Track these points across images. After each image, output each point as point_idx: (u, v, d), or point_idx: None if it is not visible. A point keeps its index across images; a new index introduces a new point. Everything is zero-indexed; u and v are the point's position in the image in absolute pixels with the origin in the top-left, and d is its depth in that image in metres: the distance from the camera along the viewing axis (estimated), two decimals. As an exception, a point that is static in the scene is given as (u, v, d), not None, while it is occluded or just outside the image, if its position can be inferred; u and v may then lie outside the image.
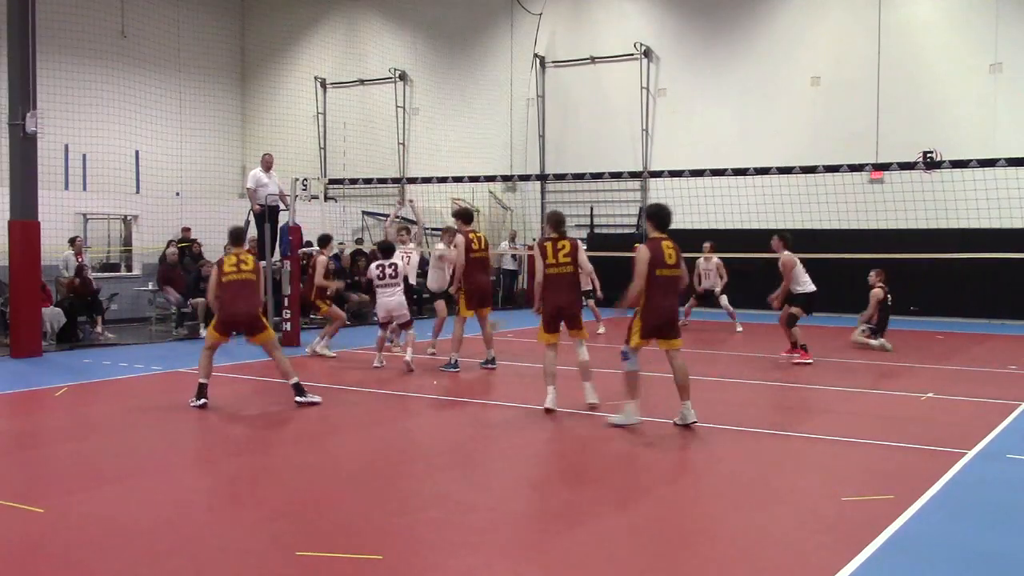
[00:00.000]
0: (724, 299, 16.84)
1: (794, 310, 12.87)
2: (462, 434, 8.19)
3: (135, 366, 11.95)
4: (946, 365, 12.82)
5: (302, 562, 4.82)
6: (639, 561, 4.92)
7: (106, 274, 18.40)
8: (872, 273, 14.66)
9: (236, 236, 9.91)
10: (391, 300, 11.66)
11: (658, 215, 8.31)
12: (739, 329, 16.58)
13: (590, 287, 14.85)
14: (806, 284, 13.00)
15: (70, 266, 15.46)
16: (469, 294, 11.44)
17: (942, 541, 5.29)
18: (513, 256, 23.03)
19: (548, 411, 8.85)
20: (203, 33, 25.88)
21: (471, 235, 11.48)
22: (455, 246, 11.52)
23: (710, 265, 16.98)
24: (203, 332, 15.49)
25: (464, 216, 11.81)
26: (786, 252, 13.04)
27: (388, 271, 11.65)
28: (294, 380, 9.13)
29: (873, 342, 14.28)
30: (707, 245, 16.95)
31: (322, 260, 13.02)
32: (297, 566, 4.77)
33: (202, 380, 9.15)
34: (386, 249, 12.14)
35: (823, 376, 11.60)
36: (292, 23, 27.40)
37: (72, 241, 15.92)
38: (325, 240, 13.55)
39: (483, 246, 11.62)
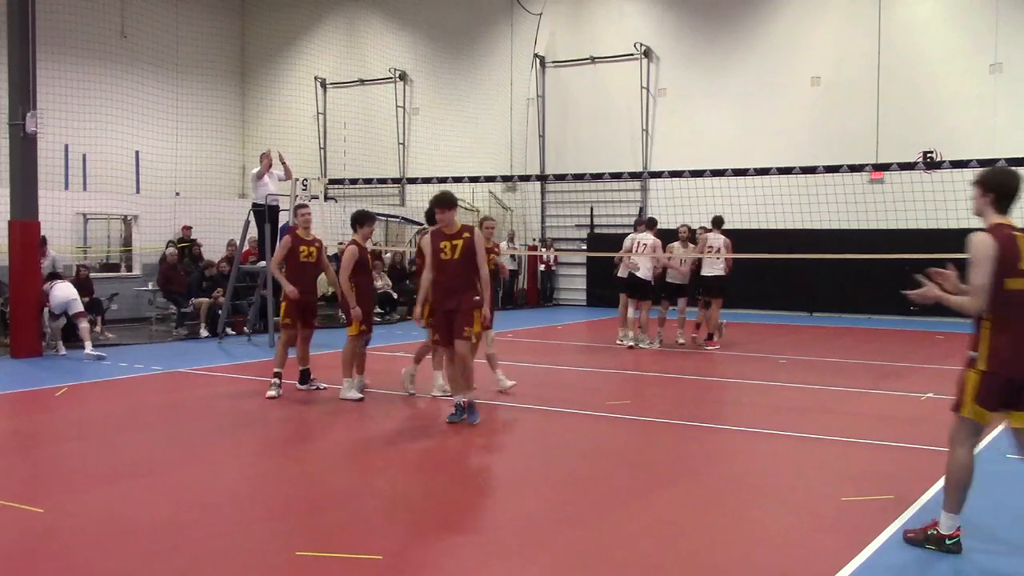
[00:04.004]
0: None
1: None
2: (460, 434, 8.19)
3: (135, 366, 11.95)
4: (946, 365, 12.81)
5: (302, 562, 4.82)
6: (639, 561, 4.92)
7: (106, 274, 18.40)
8: (699, 229, 14.45)
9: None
10: (68, 291, 12.86)
11: (359, 218, 9.56)
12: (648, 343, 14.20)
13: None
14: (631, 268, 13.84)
15: (57, 265, 14.82)
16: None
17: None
18: (512, 256, 23.02)
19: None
20: (203, 33, 25.88)
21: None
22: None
23: (646, 246, 13.89)
24: (203, 332, 15.53)
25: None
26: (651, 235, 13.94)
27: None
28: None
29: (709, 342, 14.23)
30: (639, 228, 14.42)
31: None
32: (297, 566, 4.77)
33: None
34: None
35: (823, 376, 11.60)
36: (292, 23, 27.43)
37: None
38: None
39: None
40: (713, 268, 13.99)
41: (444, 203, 8.28)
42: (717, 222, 14.18)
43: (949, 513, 5.05)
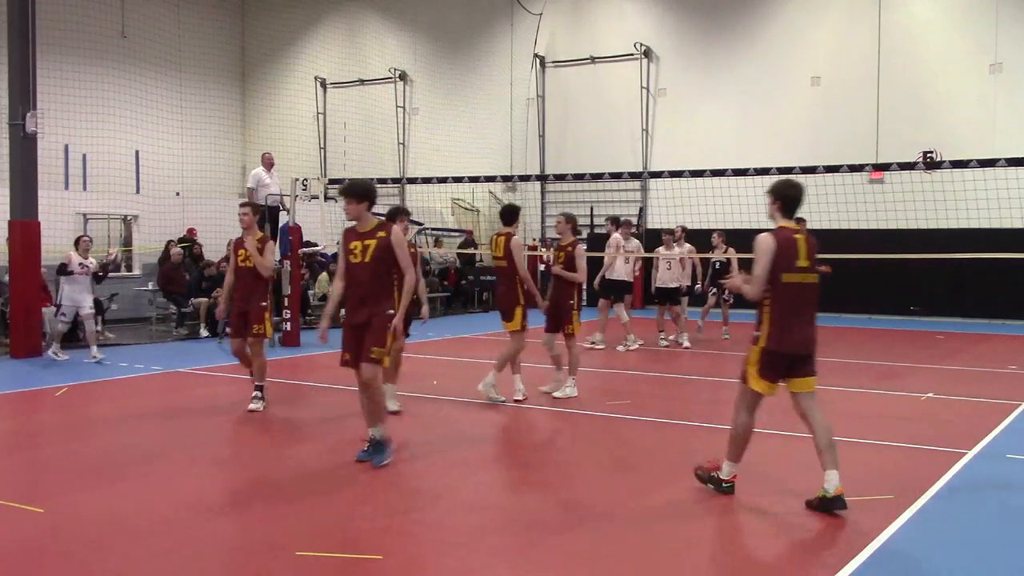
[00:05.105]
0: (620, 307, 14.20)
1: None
2: (461, 434, 8.19)
3: (135, 366, 11.95)
4: (946, 365, 12.82)
5: (302, 562, 4.82)
6: (639, 561, 4.92)
7: (106, 274, 18.38)
8: (715, 235, 14.89)
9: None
10: (81, 294, 12.43)
11: (391, 215, 8.65)
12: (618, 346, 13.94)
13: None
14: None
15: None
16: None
17: (942, 541, 5.29)
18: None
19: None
20: (203, 33, 25.90)
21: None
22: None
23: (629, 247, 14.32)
24: (203, 332, 15.52)
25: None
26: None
27: (83, 268, 12.41)
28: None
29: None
30: (614, 226, 14.56)
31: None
32: (297, 566, 4.77)
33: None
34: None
35: (823, 376, 11.56)
36: (292, 23, 27.43)
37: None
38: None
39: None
40: None
41: (349, 193, 6.81)
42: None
43: (731, 462, 6.07)
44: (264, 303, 9.02)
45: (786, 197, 5.91)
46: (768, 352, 5.78)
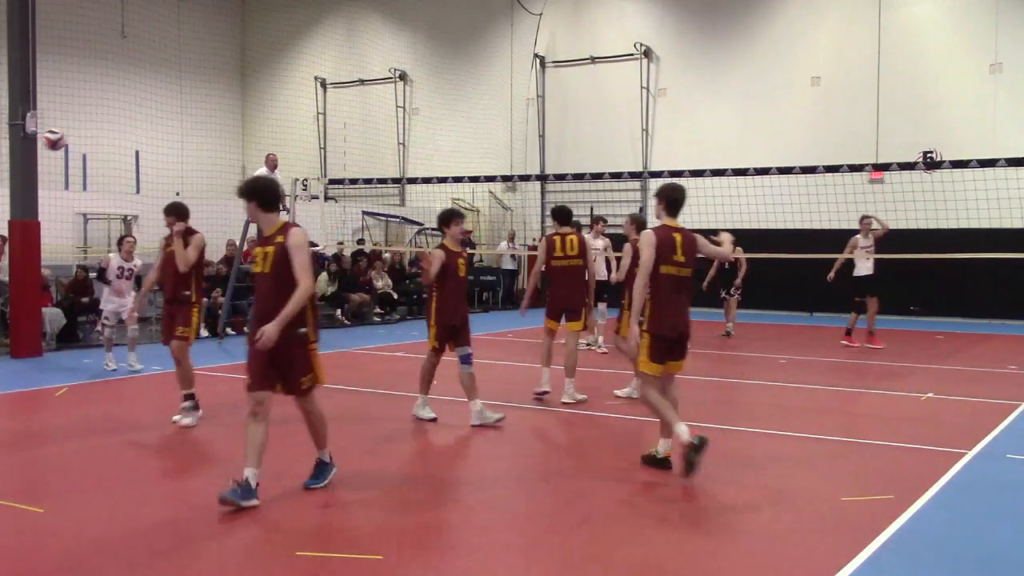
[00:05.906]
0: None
1: None
2: (461, 434, 8.19)
3: (135, 366, 11.94)
4: (946, 365, 12.82)
5: (302, 562, 4.82)
6: (639, 561, 4.92)
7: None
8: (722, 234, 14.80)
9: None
10: (124, 297, 11.92)
11: (445, 217, 8.78)
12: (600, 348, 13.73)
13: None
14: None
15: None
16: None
17: (942, 541, 5.29)
18: (512, 256, 23.05)
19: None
20: (203, 33, 25.89)
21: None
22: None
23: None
24: (203, 332, 15.50)
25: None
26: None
27: (126, 272, 11.91)
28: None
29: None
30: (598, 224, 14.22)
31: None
32: (297, 566, 4.78)
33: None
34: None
35: (823, 376, 11.59)
36: (292, 23, 27.44)
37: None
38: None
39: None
40: (862, 268, 14.28)
41: (239, 193, 6.00)
42: (863, 221, 14.42)
43: (666, 439, 6.62)
44: (193, 303, 8.58)
45: (669, 199, 6.64)
46: (653, 337, 6.47)
